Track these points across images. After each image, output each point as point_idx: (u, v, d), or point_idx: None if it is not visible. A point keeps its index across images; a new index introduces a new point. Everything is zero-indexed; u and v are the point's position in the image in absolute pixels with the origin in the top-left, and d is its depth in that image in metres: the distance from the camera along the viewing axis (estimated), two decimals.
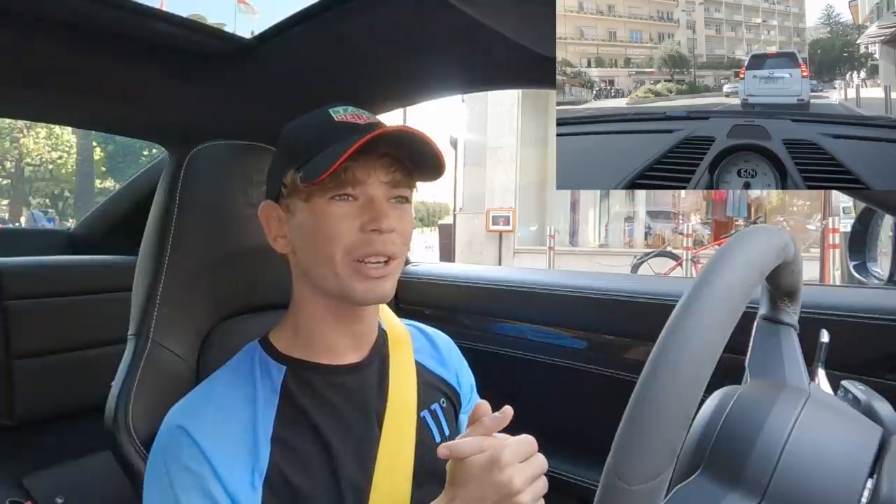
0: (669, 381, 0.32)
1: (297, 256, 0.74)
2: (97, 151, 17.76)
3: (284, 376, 0.73)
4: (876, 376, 0.80)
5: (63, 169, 18.02)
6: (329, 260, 0.68)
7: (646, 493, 0.31)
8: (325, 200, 0.69)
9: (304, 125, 0.74)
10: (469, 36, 0.81)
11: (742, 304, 0.35)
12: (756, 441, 0.40)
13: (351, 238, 0.68)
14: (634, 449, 0.32)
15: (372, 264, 0.69)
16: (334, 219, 0.68)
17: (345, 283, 0.69)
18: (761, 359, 0.50)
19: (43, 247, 1.70)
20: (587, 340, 1.13)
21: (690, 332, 0.33)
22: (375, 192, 0.69)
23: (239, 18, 13.35)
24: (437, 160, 0.71)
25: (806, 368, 0.49)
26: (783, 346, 0.50)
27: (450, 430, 0.81)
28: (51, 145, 17.89)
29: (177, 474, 0.65)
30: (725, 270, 0.36)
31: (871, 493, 0.37)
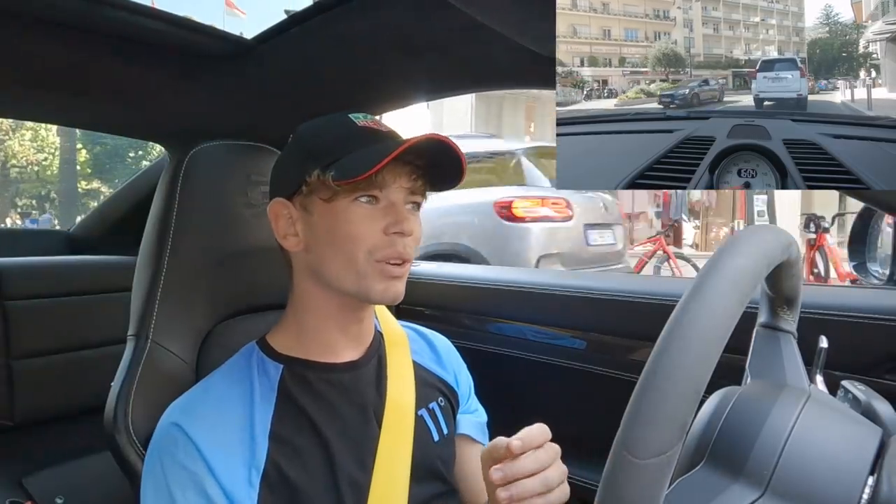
0: (680, 356, 0.33)
1: (309, 255, 0.74)
2: (83, 153, 17.96)
3: (282, 374, 0.74)
4: (876, 376, 0.80)
5: (48, 171, 18.20)
6: (351, 259, 0.70)
7: (654, 468, 0.31)
8: (349, 201, 0.70)
9: (324, 127, 0.75)
10: (469, 36, 0.81)
11: (751, 288, 0.36)
12: (758, 437, 0.40)
13: (374, 240, 0.70)
14: (644, 423, 0.32)
15: (391, 265, 0.70)
16: (358, 220, 0.70)
17: (365, 282, 0.70)
18: (761, 363, 0.50)
19: (43, 247, 1.70)
20: (587, 341, 1.12)
21: (702, 310, 0.34)
22: (397, 196, 0.71)
23: (227, 21, 13.40)
24: (459, 171, 0.72)
25: (806, 371, 0.50)
26: (783, 351, 0.51)
27: (448, 429, 0.81)
28: (36, 147, 18.02)
29: (172, 472, 0.65)
30: (736, 257, 0.37)
31: (871, 492, 0.37)
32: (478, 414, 0.90)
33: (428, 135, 0.68)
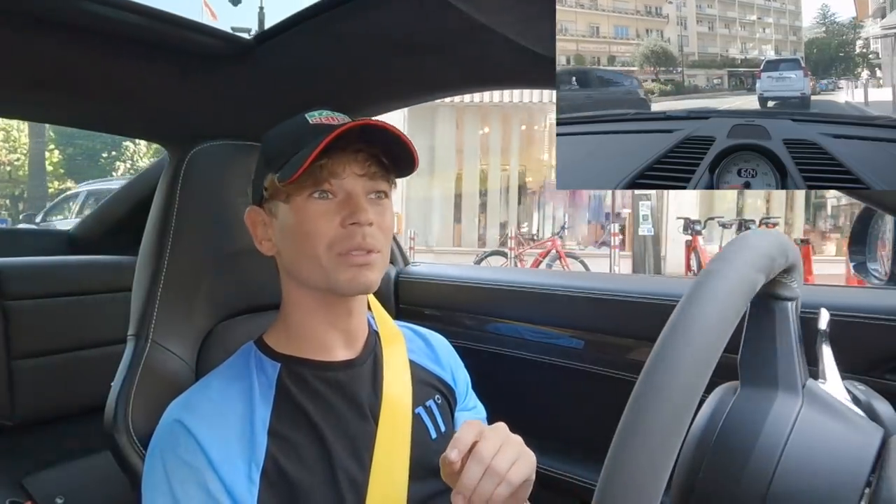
0: (651, 424, 0.31)
1: (282, 256, 0.76)
2: (55, 154, 18.41)
3: (279, 372, 0.75)
4: (876, 376, 0.80)
5: (20, 171, 18.50)
6: (313, 256, 0.71)
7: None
8: (305, 199, 0.71)
9: (281, 131, 0.76)
10: (469, 36, 0.81)
11: (729, 328, 0.34)
12: (752, 453, 0.40)
13: (332, 233, 0.70)
14: (619, 489, 0.30)
15: (354, 255, 0.70)
16: (314, 216, 0.70)
17: (330, 275, 0.71)
18: (753, 358, 0.46)
19: (43, 247, 1.70)
20: (586, 340, 1.12)
21: (675, 364, 0.32)
22: (353, 187, 0.72)
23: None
24: (408, 153, 0.72)
25: (802, 361, 0.46)
26: (777, 335, 0.45)
27: (445, 426, 0.82)
28: (8, 147, 18.38)
29: (173, 467, 0.66)
30: (707, 303, 0.34)
31: (871, 492, 0.37)
32: (476, 411, 0.90)
33: (360, 120, 0.69)
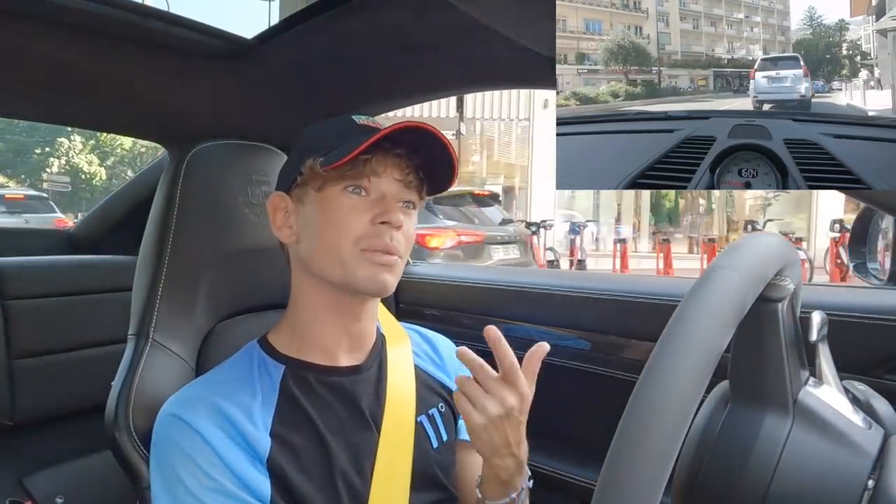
0: (647, 434, 0.31)
1: (299, 245, 0.75)
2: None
3: (283, 375, 0.74)
4: (876, 376, 0.79)
5: None
6: (336, 248, 0.70)
7: None
8: (339, 191, 0.71)
9: (326, 125, 0.77)
10: (469, 36, 0.81)
11: (729, 329, 0.34)
12: (745, 472, 0.41)
13: (361, 230, 0.70)
14: (619, 489, 0.30)
15: (377, 252, 0.70)
16: (346, 209, 0.70)
17: (349, 269, 0.70)
18: (742, 371, 0.45)
19: (43, 247, 1.70)
20: (587, 340, 1.12)
21: (668, 379, 0.32)
22: (388, 189, 0.72)
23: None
24: (451, 165, 0.73)
25: (794, 369, 0.44)
26: (766, 343, 0.44)
27: (448, 435, 0.80)
28: None
29: (178, 459, 0.65)
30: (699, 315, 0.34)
31: (872, 492, 0.37)
32: None
33: (415, 122, 0.69)
